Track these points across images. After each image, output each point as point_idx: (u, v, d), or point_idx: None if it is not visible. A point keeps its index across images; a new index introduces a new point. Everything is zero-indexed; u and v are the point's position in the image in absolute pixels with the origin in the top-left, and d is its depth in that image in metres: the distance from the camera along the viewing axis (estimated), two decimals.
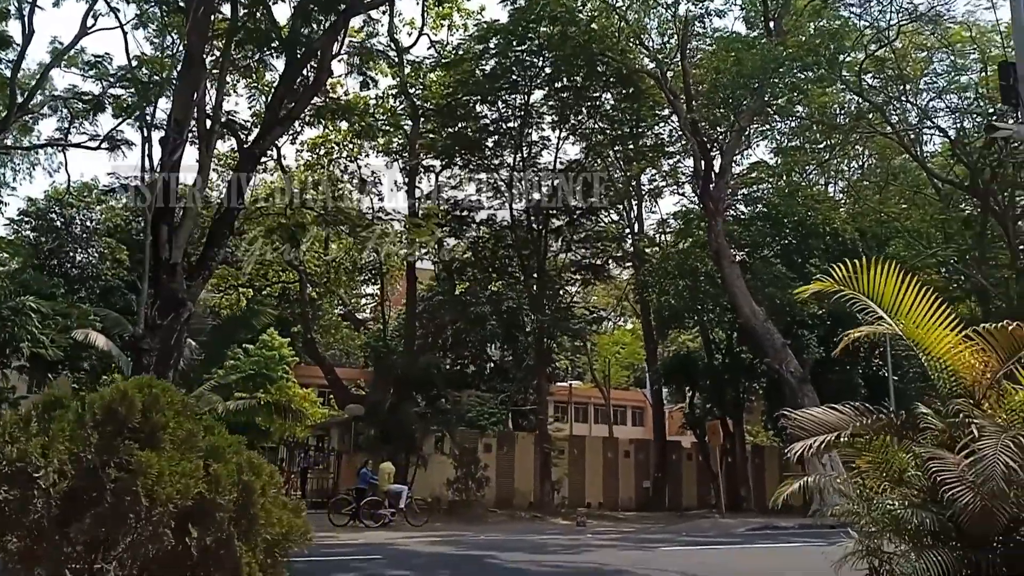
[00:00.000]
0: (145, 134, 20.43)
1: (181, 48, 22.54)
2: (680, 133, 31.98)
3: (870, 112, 30.49)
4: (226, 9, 22.17)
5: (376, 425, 27.88)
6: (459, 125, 32.00)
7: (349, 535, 19.03)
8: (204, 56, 20.42)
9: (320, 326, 41.36)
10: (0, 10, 25.52)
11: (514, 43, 29.99)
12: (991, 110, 26.91)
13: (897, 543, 6.94)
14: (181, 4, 21.08)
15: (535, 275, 32.65)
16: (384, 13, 30.91)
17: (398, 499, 22.51)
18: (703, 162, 28.84)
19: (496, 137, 32.85)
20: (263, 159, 30.67)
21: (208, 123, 20.55)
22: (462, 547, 15.64)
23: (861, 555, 7.10)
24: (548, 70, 31.28)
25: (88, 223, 39.93)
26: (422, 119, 32.25)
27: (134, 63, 23.62)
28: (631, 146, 34.20)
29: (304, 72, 22.75)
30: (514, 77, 31.06)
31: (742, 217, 34.85)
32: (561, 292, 35.77)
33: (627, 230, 37.27)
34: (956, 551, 6.38)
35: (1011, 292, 29.15)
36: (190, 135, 20.18)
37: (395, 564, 12.48)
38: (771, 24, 28.95)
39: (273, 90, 23.02)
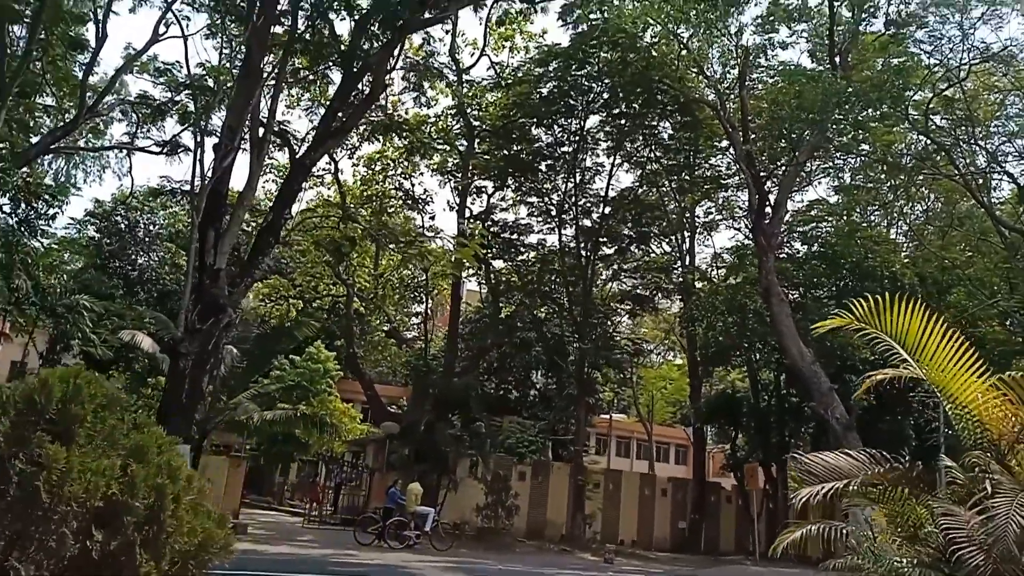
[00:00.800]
0: (198, 139, 20.75)
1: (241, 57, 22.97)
2: (737, 166, 31.42)
3: (936, 153, 29.50)
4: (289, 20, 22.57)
5: (410, 444, 27.74)
6: (514, 147, 32.00)
7: (370, 554, 18.87)
8: (262, 65, 20.75)
9: (368, 342, 41.60)
10: (78, 15, 26.43)
11: (573, 67, 29.94)
12: None
13: None
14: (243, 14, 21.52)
15: (579, 302, 32.29)
16: (447, 33, 31.35)
17: (424, 521, 22.28)
18: (757, 196, 28.24)
19: (550, 161, 32.78)
20: (319, 171, 31.28)
21: (261, 131, 20.85)
22: (475, 575, 15.29)
23: None
24: (606, 95, 31.15)
25: (151, 227, 41.07)
26: (477, 140, 32.35)
27: (199, 71, 24.18)
28: (686, 176, 33.76)
29: (359, 86, 23.02)
30: (571, 101, 30.98)
31: (797, 255, 34.03)
32: (607, 322, 35.35)
33: (677, 262, 36.67)
34: None
35: None
36: (242, 143, 20.48)
37: None
38: (836, 59, 28.30)
39: (325, 101, 23.26)
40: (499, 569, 17.17)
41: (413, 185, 33.41)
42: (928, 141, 29.23)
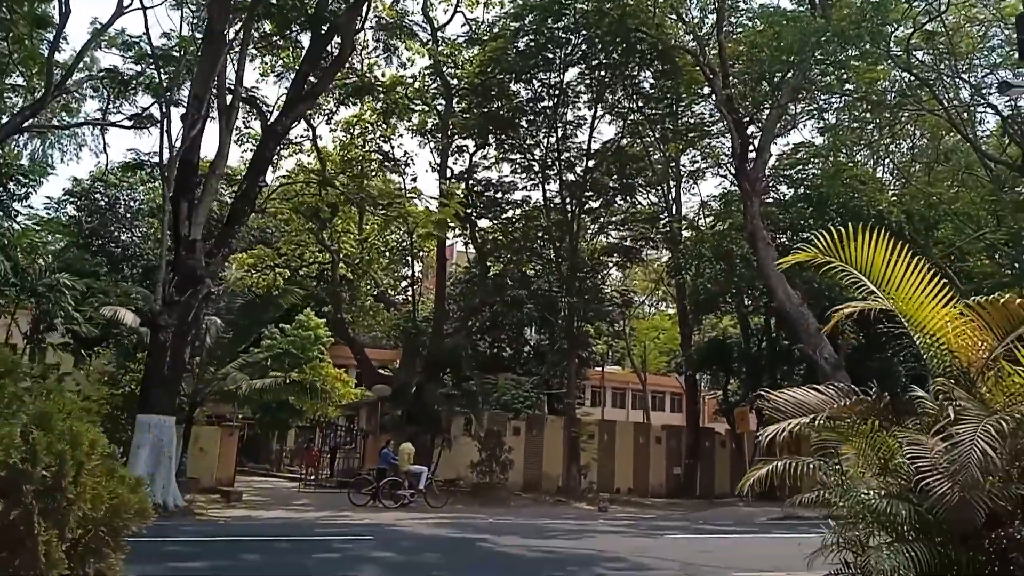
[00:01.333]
0: (164, 110, 20.37)
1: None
2: (720, 113, 31.05)
3: (920, 89, 29.14)
4: None
5: (402, 406, 27.83)
6: (493, 104, 31.47)
7: (363, 515, 18.96)
8: (225, 31, 20.28)
9: (358, 307, 41.45)
10: None
11: (549, 20, 29.40)
12: None
13: (880, 535, 6.40)
14: None
15: (564, 257, 32.15)
16: None
17: (418, 480, 22.35)
18: (740, 141, 27.97)
19: (530, 116, 32.30)
20: (297, 139, 30.85)
21: (229, 98, 20.47)
22: (465, 530, 15.34)
23: (838, 547, 6.60)
24: (584, 47, 30.59)
25: (132, 203, 40.66)
26: (455, 98, 31.86)
27: (164, 42, 23.67)
28: (669, 126, 33.37)
29: (328, 49, 22.59)
30: (548, 55, 30.44)
31: (784, 199, 33.85)
32: (596, 275, 35.25)
33: (664, 212, 36.42)
34: (936, 547, 5.81)
35: None
36: (211, 111, 20.10)
37: (382, 546, 12.19)
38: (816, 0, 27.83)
39: (298, 67, 22.85)
40: (490, 523, 17.26)
41: (393, 148, 32.96)
42: (911, 77, 28.87)
